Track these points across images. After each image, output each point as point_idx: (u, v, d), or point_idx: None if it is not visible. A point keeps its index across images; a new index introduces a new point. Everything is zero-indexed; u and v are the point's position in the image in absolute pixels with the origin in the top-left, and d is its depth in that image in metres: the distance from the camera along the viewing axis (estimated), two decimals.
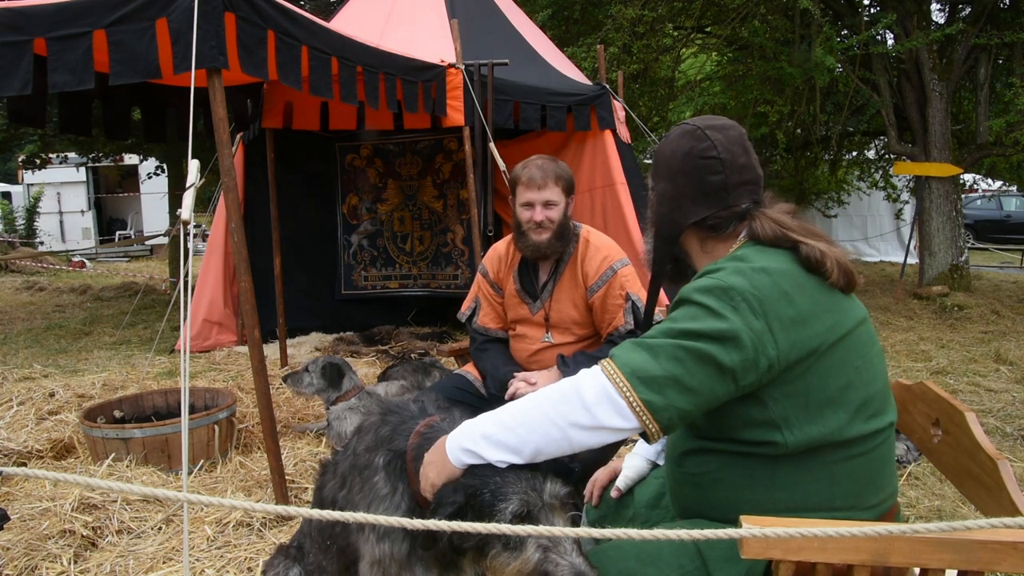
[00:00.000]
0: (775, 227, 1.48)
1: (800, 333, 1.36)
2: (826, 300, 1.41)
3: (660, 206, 1.61)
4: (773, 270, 1.40)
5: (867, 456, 1.43)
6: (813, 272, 1.43)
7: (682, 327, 1.36)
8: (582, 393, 1.34)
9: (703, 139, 1.54)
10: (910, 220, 10.92)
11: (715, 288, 1.38)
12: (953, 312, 8.11)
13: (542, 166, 2.72)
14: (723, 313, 1.34)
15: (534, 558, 1.35)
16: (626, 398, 1.31)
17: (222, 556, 2.75)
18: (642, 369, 1.32)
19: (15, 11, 2.95)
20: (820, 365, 1.37)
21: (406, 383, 4.55)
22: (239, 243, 3.07)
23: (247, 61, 3.12)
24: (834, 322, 1.40)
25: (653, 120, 10.84)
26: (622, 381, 1.32)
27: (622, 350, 1.38)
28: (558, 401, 1.35)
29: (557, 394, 1.37)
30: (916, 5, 9.07)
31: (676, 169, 1.56)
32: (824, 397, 1.38)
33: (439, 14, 5.90)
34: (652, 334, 1.39)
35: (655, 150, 1.68)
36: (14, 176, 21.70)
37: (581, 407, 1.33)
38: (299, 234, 6.95)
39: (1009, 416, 4.49)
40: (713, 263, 1.49)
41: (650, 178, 1.67)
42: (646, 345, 1.36)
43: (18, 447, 3.78)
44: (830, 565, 1.24)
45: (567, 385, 1.38)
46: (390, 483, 1.58)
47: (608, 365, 1.36)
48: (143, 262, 18.16)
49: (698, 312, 1.37)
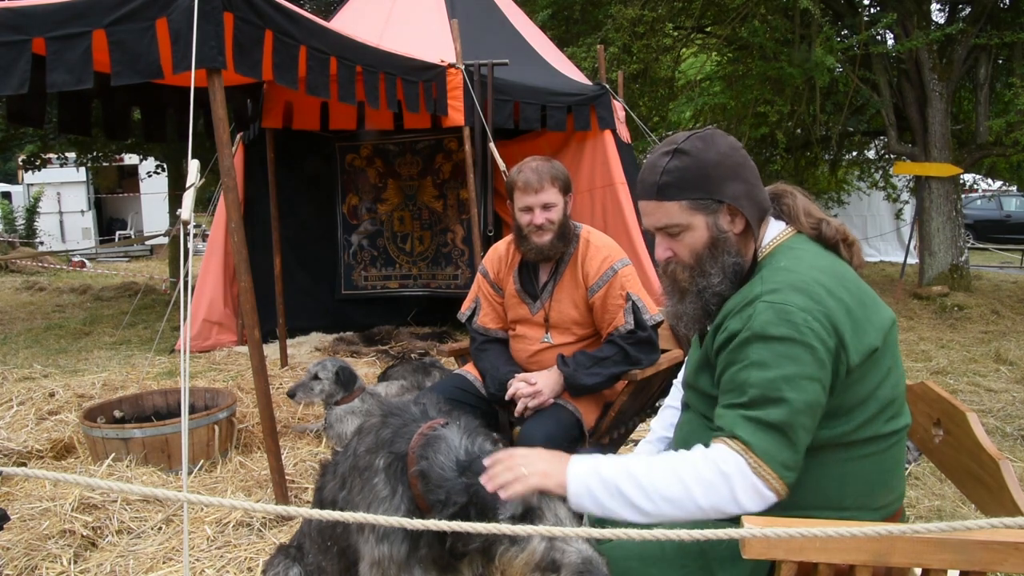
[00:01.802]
0: (807, 206, 1.55)
1: (863, 340, 1.38)
2: (867, 295, 1.46)
3: (744, 208, 1.50)
4: (823, 276, 1.41)
5: (880, 456, 1.43)
6: (834, 251, 1.51)
7: (783, 374, 1.33)
8: (736, 493, 1.32)
9: (727, 136, 1.55)
10: (910, 220, 10.92)
11: (786, 315, 1.36)
12: (953, 312, 8.11)
13: (537, 168, 2.71)
14: (808, 342, 1.33)
15: (540, 548, 1.37)
16: (775, 489, 1.33)
17: (222, 556, 2.75)
18: (785, 458, 1.33)
19: (15, 11, 2.94)
20: (867, 367, 1.39)
21: (406, 383, 4.54)
22: (239, 243, 3.06)
23: (241, 61, 3.11)
24: (879, 320, 1.43)
25: (653, 120, 10.85)
26: (771, 475, 1.32)
27: (750, 433, 1.33)
28: (707, 488, 1.32)
29: (705, 480, 1.33)
30: (916, 5, 9.07)
31: (736, 164, 1.51)
32: (858, 398, 1.40)
33: (439, 14, 5.90)
34: (757, 396, 1.34)
35: (685, 171, 1.49)
36: (14, 176, 21.69)
37: (731, 501, 1.33)
38: (299, 234, 6.95)
39: (1009, 416, 4.49)
40: (760, 282, 1.45)
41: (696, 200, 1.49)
42: (771, 425, 1.33)
43: (18, 447, 3.77)
44: (832, 565, 1.24)
45: (718, 479, 1.33)
46: (390, 485, 1.58)
47: (750, 458, 1.32)
48: (143, 262, 18.16)
49: (784, 350, 1.34)
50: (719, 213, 1.50)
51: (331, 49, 3.74)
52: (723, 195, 1.49)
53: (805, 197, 1.57)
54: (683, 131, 1.64)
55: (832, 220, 1.54)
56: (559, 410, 2.65)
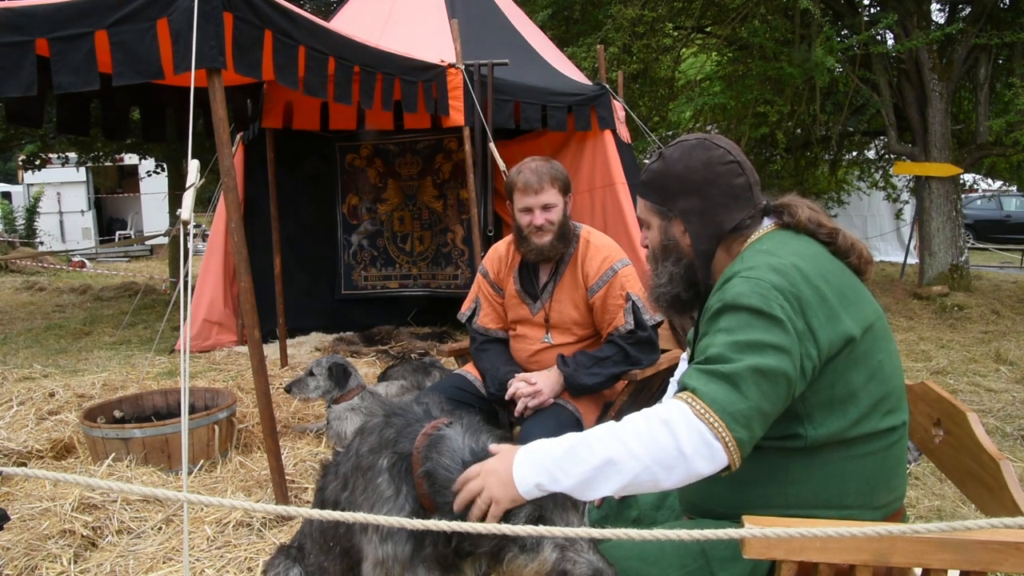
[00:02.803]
0: (812, 213, 1.53)
1: (835, 328, 1.37)
2: (849, 288, 1.44)
3: (691, 224, 1.56)
4: (802, 262, 1.41)
5: (881, 454, 1.43)
6: (839, 256, 1.49)
7: (746, 338, 1.32)
8: (679, 439, 1.27)
9: (714, 147, 1.56)
10: (910, 220, 10.92)
11: (759, 289, 1.36)
12: (953, 312, 8.11)
13: (536, 169, 2.71)
14: (776, 315, 1.33)
15: (551, 558, 1.36)
16: (722, 440, 1.27)
17: (222, 556, 2.74)
18: (731, 405, 1.28)
19: (15, 11, 2.94)
20: (849, 358, 1.39)
21: (406, 383, 4.54)
22: (239, 243, 3.07)
23: (240, 61, 3.11)
24: (860, 313, 1.42)
25: (653, 120, 10.85)
26: (717, 421, 1.27)
27: (701, 382, 1.31)
28: (649, 442, 1.28)
29: (648, 434, 1.29)
30: (916, 5, 9.07)
31: (700, 181, 1.54)
32: (847, 391, 1.39)
33: (439, 14, 5.90)
34: (715, 354, 1.34)
35: (656, 175, 1.59)
36: (14, 176, 21.69)
37: (678, 454, 1.27)
38: (299, 234, 6.95)
39: (1009, 416, 4.49)
40: (740, 260, 1.48)
41: (655, 204, 1.60)
42: (722, 374, 1.30)
43: (18, 447, 3.77)
44: (832, 565, 1.24)
45: (658, 427, 1.29)
46: (394, 485, 1.58)
47: (696, 403, 1.29)
48: (143, 262, 18.16)
49: (751, 319, 1.34)
50: (671, 222, 1.60)
51: (330, 49, 3.73)
52: (675, 207, 1.57)
53: (812, 210, 1.55)
54: (692, 134, 1.66)
55: (848, 234, 1.53)
56: (559, 410, 2.65)
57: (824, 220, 1.53)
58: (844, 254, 1.51)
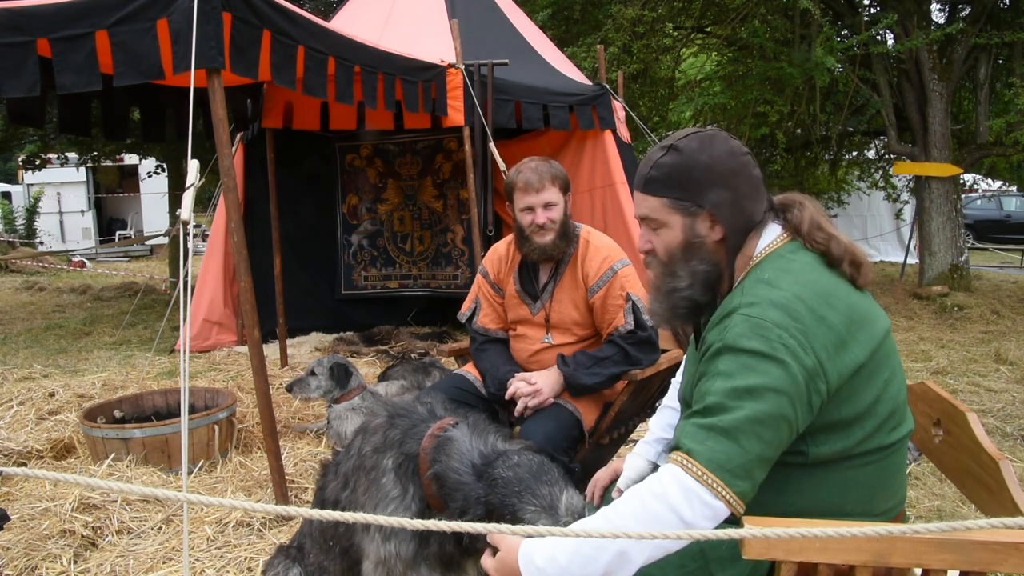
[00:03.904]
0: (814, 215, 1.47)
1: (843, 358, 1.33)
2: (856, 310, 1.38)
3: (724, 217, 1.46)
4: (805, 291, 1.35)
5: (882, 463, 1.42)
6: (835, 268, 1.42)
7: (745, 384, 1.28)
8: (679, 511, 1.24)
9: (731, 139, 1.51)
10: (910, 220, 10.92)
11: (760, 329, 1.31)
12: (953, 312, 8.11)
13: (536, 168, 2.71)
14: (779, 356, 1.28)
15: None
16: (723, 497, 1.25)
17: (222, 556, 2.75)
18: (729, 462, 1.25)
19: (16, 11, 2.94)
20: (856, 383, 1.35)
21: (406, 383, 4.55)
22: (239, 243, 3.07)
23: (238, 61, 3.11)
24: (869, 335, 1.38)
25: (653, 120, 10.85)
26: (715, 481, 1.25)
27: (697, 442, 1.28)
28: (651, 524, 1.24)
29: (645, 517, 1.26)
30: (916, 5, 9.07)
31: (728, 172, 1.46)
32: (854, 414, 1.36)
33: (439, 14, 5.90)
34: (713, 403, 1.30)
35: (674, 168, 1.47)
36: (14, 176, 21.69)
37: (681, 525, 1.25)
38: (299, 234, 6.94)
39: (1009, 416, 4.49)
40: (740, 293, 1.41)
41: (676, 200, 1.47)
42: (721, 429, 1.27)
43: (18, 447, 3.77)
44: (832, 565, 1.24)
45: (654, 506, 1.26)
46: (400, 485, 1.58)
47: (692, 465, 1.26)
48: (143, 262, 18.16)
49: (750, 361, 1.30)
50: (698, 217, 1.47)
51: (329, 49, 3.73)
52: (704, 200, 1.46)
53: (816, 210, 1.49)
54: (694, 127, 1.60)
55: (843, 238, 1.46)
56: (559, 410, 2.65)
57: (824, 223, 1.48)
58: (836, 263, 1.44)
